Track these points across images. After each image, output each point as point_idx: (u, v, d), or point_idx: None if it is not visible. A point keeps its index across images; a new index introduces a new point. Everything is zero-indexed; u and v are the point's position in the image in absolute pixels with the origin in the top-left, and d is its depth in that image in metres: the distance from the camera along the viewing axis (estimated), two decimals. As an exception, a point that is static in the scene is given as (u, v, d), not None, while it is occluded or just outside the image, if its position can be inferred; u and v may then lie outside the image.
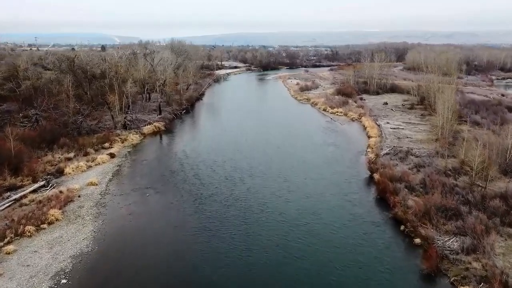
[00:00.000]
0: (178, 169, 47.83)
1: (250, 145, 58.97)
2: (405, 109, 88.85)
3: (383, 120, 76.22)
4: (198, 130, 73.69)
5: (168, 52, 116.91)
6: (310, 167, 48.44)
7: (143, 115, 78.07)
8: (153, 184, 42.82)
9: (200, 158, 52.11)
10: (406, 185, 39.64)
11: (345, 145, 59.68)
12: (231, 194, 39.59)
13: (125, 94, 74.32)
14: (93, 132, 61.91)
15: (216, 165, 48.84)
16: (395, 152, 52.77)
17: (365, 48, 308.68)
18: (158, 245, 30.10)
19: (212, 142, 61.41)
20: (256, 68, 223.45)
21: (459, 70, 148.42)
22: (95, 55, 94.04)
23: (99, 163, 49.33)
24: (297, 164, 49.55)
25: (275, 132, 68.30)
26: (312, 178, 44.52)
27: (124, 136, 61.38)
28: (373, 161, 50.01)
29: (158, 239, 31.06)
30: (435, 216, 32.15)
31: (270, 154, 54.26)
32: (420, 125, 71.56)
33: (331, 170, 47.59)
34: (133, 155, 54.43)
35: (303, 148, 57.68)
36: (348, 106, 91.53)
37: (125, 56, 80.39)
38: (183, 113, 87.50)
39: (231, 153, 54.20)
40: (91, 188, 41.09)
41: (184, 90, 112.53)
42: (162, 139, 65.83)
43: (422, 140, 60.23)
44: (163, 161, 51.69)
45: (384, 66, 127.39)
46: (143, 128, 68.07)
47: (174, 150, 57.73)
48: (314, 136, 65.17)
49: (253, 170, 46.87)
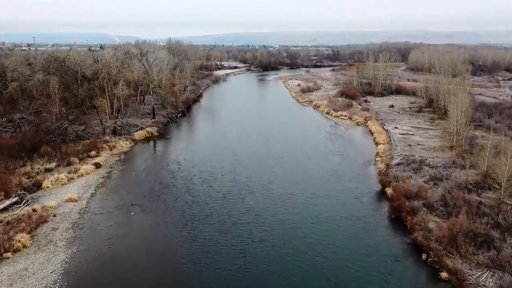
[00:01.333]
0: (170, 182, 43.21)
1: (250, 155, 54.10)
2: (413, 112, 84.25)
3: (391, 124, 71.64)
4: (194, 136, 68.93)
5: (164, 52, 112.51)
6: (316, 181, 43.65)
7: (136, 119, 73.55)
8: (140, 200, 38.29)
9: (195, 169, 47.36)
10: (424, 203, 35.13)
11: (352, 153, 55.03)
12: (229, 216, 34.59)
13: (116, 96, 69.86)
14: (80, 139, 57.40)
15: (213, 179, 44.05)
16: (408, 162, 48.19)
17: (366, 48, 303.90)
18: (139, 279, 25.56)
19: (208, 150, 56.58)
20: (256, 68, 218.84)
21: (461, 71, 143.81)
22: (88, 55, 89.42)
23: (82, 174, 44.78)
24: (302, 178, 44.60)
25: (277, 138, 63.61)
26: (319, 195, 39.62)
27: (113, 143, 56.80)
28: (384, 172, 45.52)
29: (139, 271, 26.50)
30: (463, 243, 27.59)
31: (272, 165, 49.27)
32: (431, 130, 66.98)
33: (339, 184, 42.75)
34: (121, 165, 49.89)
35: (307, 158, 52.88)
36: (352, 109, 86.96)
37: (116, 57, 75.73)
38: (179, 117, 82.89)
39: (229, 164, 49.36)
40: (69, 205, 36.57)
41: (181, 91, 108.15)
42: (155, 146, 61.14)
43: (435, 147, 55.66)
44: (154, 172, 47.02)
45: (388, 67, 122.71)
46: (135, 133, 63.50)
47: (166, 159, 53.09)
48: (319, 144, 60.48)
49: (253, 185, 41.92)
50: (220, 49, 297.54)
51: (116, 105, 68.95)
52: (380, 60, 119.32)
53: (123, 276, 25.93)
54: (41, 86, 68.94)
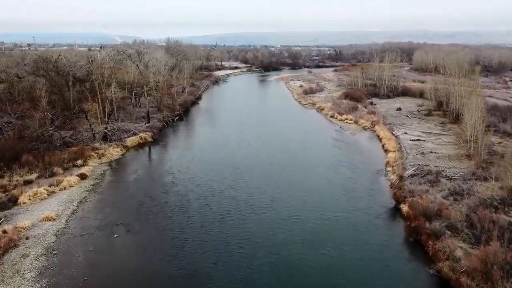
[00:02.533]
0: (162, 197, 38.98)
1: (251, 166, 49.21)
2: (422, 115, 79.99)
3: (400, 129, 67.42)
4: (191, 143, 64.09)
5: (161, 52, 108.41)
6: (324, 199, 38.95)
7: (129, 123, 69.42)
8: (126, 218, 34.18)
9: (190, 183, 42.81)
10: (447, 224, 30.96)
11: (360, 162, 50.67)
12: (227, 244, 29.82)
13: (108, 99, 65.79)
14: (67, 146, 53.32)
15: (210, 195, 39.49)
16: (422, 173, 43.96)
17: (369, 48, 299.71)
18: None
19: (206, 160, 51.91)
20: (257, 68, 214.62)
21: (471, 71, 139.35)
22: (81, 55, 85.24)
23: (65, 187, 40.68)
24: (308, 195, 39.71)
25: (280, 146, 59.10)
26: (328, 217, 34.78)
27: (102, 150, 52.70)
28: (397, 185, 41.37)
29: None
30: (499, 279, 23.43)
31: (276, 179, 44.48)
32: (443, 136, 62.76)
33: (349, 202, 38.11)
34: (110, 175, 45.78)
35: (313, 169, 48.17)
36: (358, 112, 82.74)
37: (109, 57, 71.66)
38: (176, 120, 78.77)
39: (229, 177, 44.66)
40: (46, 225, 32.49)
41: (180, 93, 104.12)
42: (147, 153, 56.91)
43: (450, 156, 51.42)
44: (144, 185, 42.80)
45: (394, 67, 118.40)
46: (127, 139, 59.39)
47: (159, 169, 48.78)
48: (324, 152, 56.14)
49: (255, 204, 37.11)
50: (220, 49, 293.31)
51: (108, 109, 64.89)
52: (385, 61, 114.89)
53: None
54: (28, 89, 64.84)
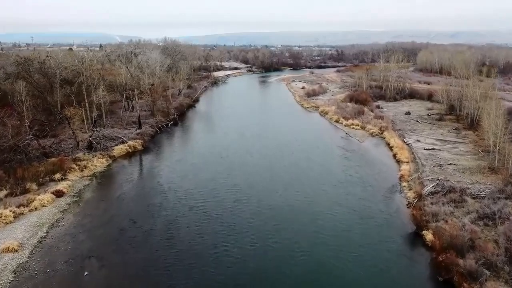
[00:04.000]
0: (147, 223, 33.67)
1: (252, 183, 43.18)
2: (433, 120, 74.80)
3: (411, 136, 62.24)
4: (184, 152, 57.92)
5: (156, 52, 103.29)
6: (336, 228, 32.70)
7: (119, 129, 64.38)
8: (102, 249, 29.07)
9: (182, 205, 37.15)
10: (483, 261, 25.80)
11: (371, 177, 45.10)
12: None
13: (95, 104, 60.80)
14: (46, 156, 48.22)
15: (205, 220, 33.77)
16: (443, 189, 38.74)
17: (371, 48, 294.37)
18: None
19: (201, 174, 46.01)
20: (257, 69, 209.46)
21: (479, 72, 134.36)
22: (70, 56, 80.00)
23: (37, 207, 35.61)
24: (318, 224, 33.30)
25: (283, 157, 53.06)
26: (342, 251, 28.95)
27: (85, 162, 47.58)
28: (416, 204, 36.24)
29: None
30: None
31: (279, 201, 37.94)
32: (459, 144, 57.57)
33: (364, 230, 32.35)
34: (90, 192, 40.67)
35: (320, 187, 42.02)
36: (364, 117, 77.61)
37: (97, 59, 66.53)
38: (170, 126, 73.62)
39: (226, 197, 38.84)
40: (4, 259, 27.40)
41: (176, 95, 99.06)
42: (136, 165, 51.44)
43: (471, 168, 46.21)
44: (128, 205, 37.52)
45: (400, 68, 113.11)
46: (114, 148, 54.28)
47: (147, 186, 43.21)
48: (331, 164, 50.52)
49: (257, 235, 31.20)
50: (220, 49, 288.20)
51: (95, 114, 59.85)
52: (391, 61, 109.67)
53: None
54: (3, 93, 59.63)
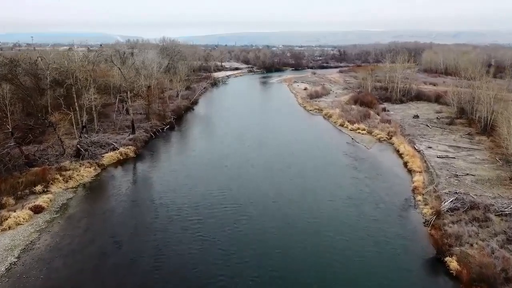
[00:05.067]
0: (133, 246, 29.72)
1: (252, 199, 38.41)
2: (443, 124, 70.96)
3: (422, 142, 58.43)
4: (180, 162, 52.86)
5: (153, 53, 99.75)
6: (346, 254, 28.52)
7: (111, 134, 60.74)
8: (78, 279, 25.34)
9: (173, 225, 33.12)
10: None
11: (382, 190, 40.88)
12: None
13: (85, 108, 57.10)
14: (29, 165, 44.57)
15: (198, 245, 29.60)
16: (464, 205, 34.86)
17: (373, 48, 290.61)
18: None
19: (196, 188, 41.55)
20: (259, 69, 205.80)
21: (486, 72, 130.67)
22: (61, 56, 76.27)
23: (11, 226, 31.91)
24: (327, 249, 29.11)
25: (286, 167, 48.57)
26: (354, 284, 25.29)
27: (70, 171, 43.83)
28: (434, 223, 32.46)
29: None
30: None
31: (284, 221, 33.46)
32: (474, 151, 53.75)
33: (378, 257, 28.31)
34: (73, 207, 36.88)
35: (329, 205, 37.41)
36: (370, 120, 73.84)
37: (87, 59, 62.85)
38: (166, 130, 69.91)
39: (223, 216, 34.51)
40: (-36, 293, 23.76)
41: (174, 97, 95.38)
42: (126, 175, 47.23)
43: (490, 179, 42.34)
44: (114, 224, 33.64)
45: (406, 68, 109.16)
46: (104, 156, 50.54)
47: (136, 200, 39.03)
48: (339, 175, 46.06)
49: (259, 264, 27.02)
50: (221, 49, 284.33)
51: (85, 118, 56.20)
52: (398, 61, 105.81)
53: None
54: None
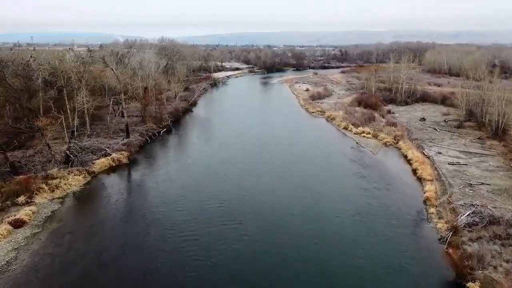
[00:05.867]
0: (119, 269, 26.90)
1: (254, 212, 35.35)
2: (451, 128, 68.00)
3: (431, 147, 55.52)
4: (175, 169, 49.01)
5: (150, 53, 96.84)
6: (356, 280, 25.90)
7: (105, 138, 57.90)
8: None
9: (166, 243, 30.18)
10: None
11: (392, 202, 37.54)
12: None
13: (76, 111, 54.28)
14: (14, 173, 41.75)
15: (195, 268, 26.73)
16: (483, 220, 31.92)
17: (375, 48, 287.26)
18: None
19: (192, 200, 38.21)
20: (259, 69, 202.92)
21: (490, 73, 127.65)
22: (52, 57, 73.32)
23: (-14, 243, 29.17)
24: (336, 279, 25.92)
25: (289, 177, 45.25)
26: None
27: (58, 180, 40.94)
28: (451, 240, 29.55)
29: None
30: None
31: (289, 243, 29.76)
32: (487, 157, 50.82)
33: (392, 281, 25.58)
34: (57, 220, 33.93)
35: (336, 222, 33.85)
36: (375, 123, 70.95)
37: (80, 59, 59.87)
38: (163, 133, 66.96)
39: (222, 235, 31.29)
40: None
41: (172, 99, 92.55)
42: (117, 183, 44.08)
43: (508, 189, 39.41)
44: (100, 241, 30.47)
45: (413, 69, 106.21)
46: (95, 162, 47.61)
47: (127, 213, 35.98)
48: (345, 185, 42.80)
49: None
50: (221, 49, 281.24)
51: (76, 122, 53.35)
52: (402, 61, 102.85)
53: None
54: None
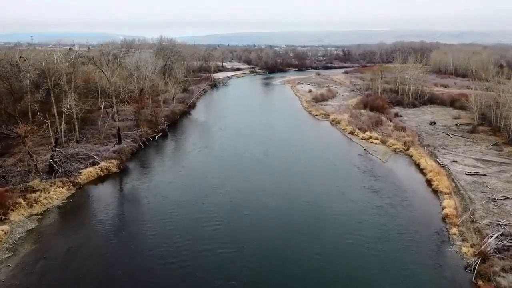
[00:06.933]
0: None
1: (254, 232, 31.68)
2: (464, 133, 64.01)
3: (444, 155, 51.55)
4: (168, 180, 44.31)
5: (147, 53, 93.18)
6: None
7: (95, 144, 54.11)
8: None
9: (154, 272, 26.78)
10: None
11: (408, 220, 33.62)
12: None
13: (63, 115, 50.60)
14: (-9, 185, 38.05)
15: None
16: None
17: (378, 48, 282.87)
18: None
19: (187, 218, 34.56)
20: (261, 70, 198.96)
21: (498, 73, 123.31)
22: (40, 58, 69.55)
23: None
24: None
25: (291, 190, 41.27)
26: None
27: (38, 193, 37.15)
28: (479, 269, 25.67)
29: None
30: None
31: (294, 270, 26.33)
32: (507, 166, 46.79)
33: None
34: (31, 241, 30.13)
35: (348, 247, 29.67)
36: (383, 128, 66.96)
37: (70, 60, 56.16)
38: (158, 138, 63.21)
39: (220, 258, 27.89)
40: None
41: (170, 100, 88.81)
42: (105, 196, 40.28)
43: (536, 205, 35.57)
44: (78, 267, 26.91)
45: (418, 69, 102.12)
46: (82, 172, 43.84)
47: (112, 233, 32.08)
48: (356, 202, 38.39)
49: None
50: (222, 49, 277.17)
51: (64, 127, 49.70)
52: (409, 62, 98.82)
53: None
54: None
